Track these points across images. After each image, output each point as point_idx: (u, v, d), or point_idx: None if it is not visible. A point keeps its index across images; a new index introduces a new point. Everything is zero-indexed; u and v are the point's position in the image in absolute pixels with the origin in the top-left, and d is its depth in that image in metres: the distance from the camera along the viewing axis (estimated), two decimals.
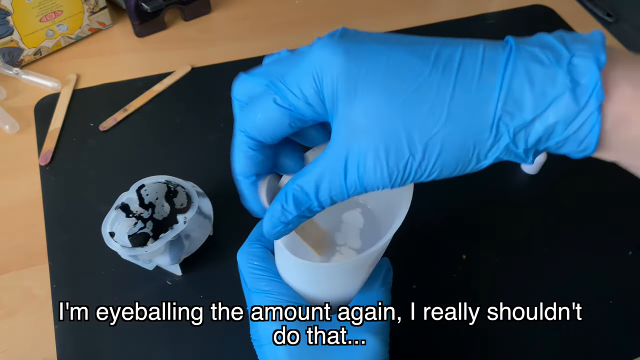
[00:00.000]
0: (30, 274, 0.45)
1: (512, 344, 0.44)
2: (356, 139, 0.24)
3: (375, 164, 0.24)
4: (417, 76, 0.23)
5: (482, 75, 0.23)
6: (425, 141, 0.23)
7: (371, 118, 0.23)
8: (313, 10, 0.72)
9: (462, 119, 0.23)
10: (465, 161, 0.24)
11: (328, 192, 0.25)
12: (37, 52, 0.61)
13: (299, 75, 0.25)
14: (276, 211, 0.27)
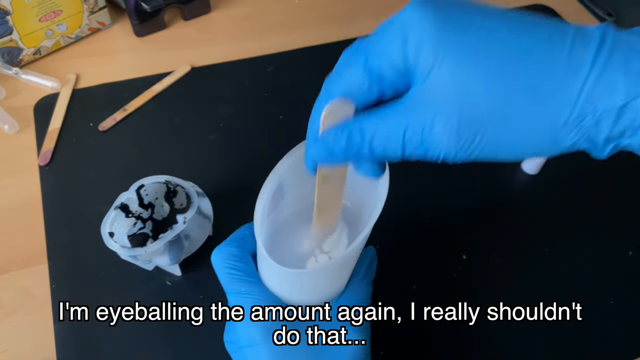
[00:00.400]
0: (30, 274, 0.45)
1: (512, 344, 0.44)
2: (431, 102, 0.23)
3: (444, 129, 0.23)
4: (506, 46, 0.22)
5: (572, 51, 0.22)
6: (506, 113, 0.23)
7: (454, 82, 0.23)
8: (313, 10, 0.72)
9: (548, 93, 0.22)
10: (542, 141, 0.23)
11: (384, 144, 0.25)
12: (36, 51, 0.61)
13: (386, 36, 0.24)
14: (329, 137, 0.26)
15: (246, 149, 0.55)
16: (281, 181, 0.33)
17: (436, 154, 0.24)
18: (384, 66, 0.24)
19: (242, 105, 0.59)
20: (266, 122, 0.58)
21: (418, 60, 0.23)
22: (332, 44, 0.67)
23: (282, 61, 0.64)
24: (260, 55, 0.65)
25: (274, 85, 0.62)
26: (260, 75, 0.63)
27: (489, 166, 0.56)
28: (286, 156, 0.32)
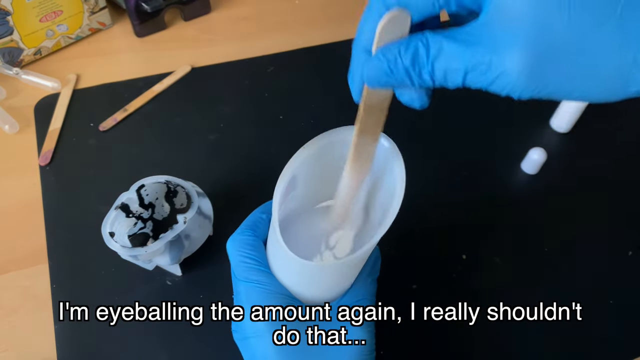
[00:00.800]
0: (30, 274, 0.45)
1: (512, 344, 0.44)
2: (506, 26, 0.21)
3: (518, 60, 0.21)
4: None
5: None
6: (587, 41, 0.21)
7: (534, 5, 0.21)
8: (313, 10, 0.72)
9: (631, 26, 0.20)
10: (618, 79, 0.21)
11: (446, 68, 0.23)
12: (37, 52, 0.61)
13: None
14: (391, 52, 0.23)
15: (246, 149, 0.55)
16: (295, 174, 0.32)
17: (502, 86, 0.22)
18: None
19: (242, 105, 0.59)
20: (266, 122, 0.58)
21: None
22: (332, 44, 0.67)
23: (282, 61, 0.64)
24: (260, 55, 0.65)
25: (274, 85, 0.62)
26: (260, 75, 0.63)
27: (489, 166, 0.56)
28: (303, 148, 0.31)
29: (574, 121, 0.58)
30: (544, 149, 0.54)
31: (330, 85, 0.62)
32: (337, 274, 0.34)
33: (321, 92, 0.62)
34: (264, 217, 0.36)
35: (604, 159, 0.57)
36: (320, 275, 0.33)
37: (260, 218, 0.36)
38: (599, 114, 0.59)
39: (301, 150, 0.31)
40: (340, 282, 0.34)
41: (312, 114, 0.59)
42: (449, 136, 0.58)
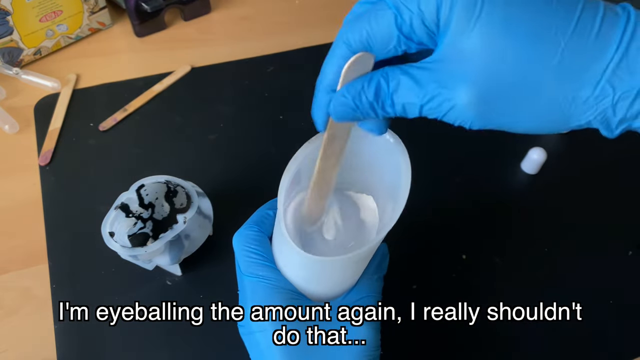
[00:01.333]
0: (30, 274, 0.45)
1: (512, 344, 0.44)
2: (459, 64, 0.23)
3: (468, 94, 0.23)
4: (540, 15, 0.22)
5: (600, 30, 0.22)
6: (532, 84, 0.22)
7: (484, 46, 0.22)
8: (313, 10, 0.72)
9: (571, 68, 0.22)
10: (559, 116, 0.23)
11: (404, 100, 0.24)
12: (36, 52, 0.61)
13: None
14: (355, 88, 0.25)
15: (246, 149, 0.55)
16: (300, 168, 0.32)
17: (454, 118, 0.24)
18: (415, 24, 0.23)
19: (242, 105, 0.59)
20: (266, 122, 0.58)
21: (450, 19, 0.23)
22: (332, 44, 0.67)
23: (282, 61, 0.64)
24: (260, 55, 0.65)
25: (274, 85, 0.62)
26: (260, 75, 0.63)
27: (489, 166, 0.56)
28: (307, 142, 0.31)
29: None
30: (544, 149, 0.54)
31: None
32: (341, 269, 0.33)
33: None
34: (271, 214, 0.36)
35: (604, 159, 0.57)
36: (325, 269, 0.33)
37: (266, 214, 0.36)
38: None
39: (306, 144, 0.31)
40: (346, 278, 0.34)
41: None
42: (449, 136, 0.58)
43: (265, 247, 0.35)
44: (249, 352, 0.34)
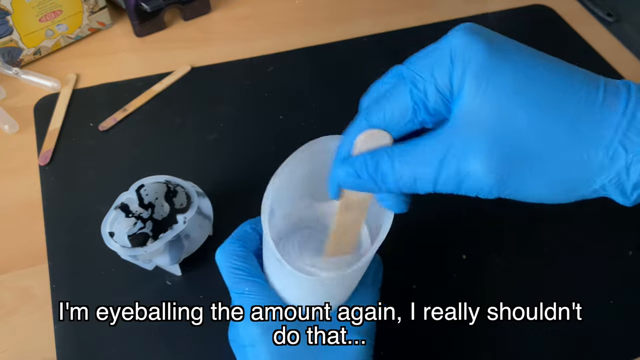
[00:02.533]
0: (30, 274, 0.45)
1: (512, 344, 0.44)
2: (472, 131, 0.23)
3: (482, 162, 0.23)
4: (548, 83, 0.23)
5: (605, 99, 0.23)
6: (546, 149, 0.23)
7: (496, 112, 0.23)
8: (313, 10, 0.72)
9: (586, 132, 0.23)
10: (575, 180, 0.23)
11: (414, 176, 0.25)
12: (36, 51, 0.61)
13: (433, 59, 0.24)
14: (358, 160, 0.26)
15: (246, 149, 0.55)
16: (273, 206, 0.32)
17: (471, 187, 0.24)
18: (429, 91, 0.24)
19: (242, 105, 0.59)
20: (266, 122, 0.58)
21: (463, 85, 0.23)
22: (332, 44, 0.67)
23: (282, 61, 0.64)
24: (260, 55, 0.65)
25: (274, 85, 0.62)
26: (260, 75, 0.63)
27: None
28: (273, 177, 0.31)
29: None
30: None
31: (330, 85, 0.62)
32: (342, 285, 0.33)
33: (321, 92, 0.62)
34: (252, 230, 0.36)
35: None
36: (317, 287, 0.32)
37: (249, 230, 0.36)
38: None
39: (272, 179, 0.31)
40: (343, 293, 0.34)
41: (312, 114, 0.59)
42: None
43: (249, 262, 0.34)
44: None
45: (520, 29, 0.73)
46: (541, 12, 0.75)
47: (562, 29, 0.73)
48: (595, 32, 0.73)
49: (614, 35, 0.73)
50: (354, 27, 0.70)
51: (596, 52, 0.70)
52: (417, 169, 0.24)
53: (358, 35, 0.68)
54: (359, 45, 0.67)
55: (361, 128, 0.26)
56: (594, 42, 0.71)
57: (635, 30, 0.76)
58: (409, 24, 0.71)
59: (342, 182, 0.27)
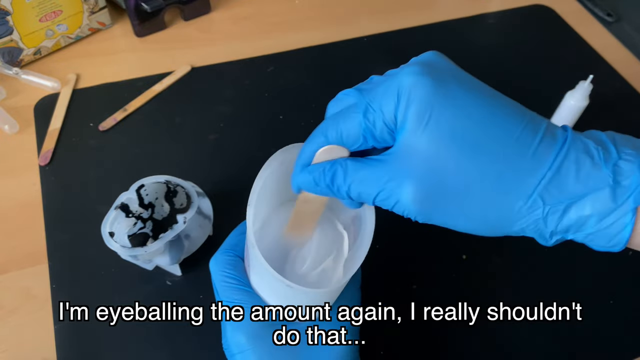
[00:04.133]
0: (30, 274, 0.45)
1: (512, 344, 0.44)
2: (406, 163, 0.25)
3: (411, 193, 0.25)
4: (484, 129, 0.25)
5: (538, 149, 0.25)
6: (470, 191, 0.25)
7: (430, 151, 0.25)
8: (313, 10, 0.72)
9: (510, 182, 0.25)
10: (494, 221, 0.25)
11: (359, 190, 0.27)
12: (36, 52, 0.61)
13: (383, 92, 0.26)
14: (317, 170, 0.28)
15: (246, 149, 0.55)
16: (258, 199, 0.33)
17: (400, 210, 0.26)
18: (377, 123, 0.26)
19: (242, 105, 0.59)
20: (266, 122, 0.58)
21: (405, 121, 0.25)
22: (332, 44, 0.67)
23: (282, 61, 0.64)
24: (260, 55, 0.65)
25: (274, 85, 0.62)
26: (260, 75, 0.63)
27: None
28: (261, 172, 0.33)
29: (574, 121, 0.58)
30: None
31: (330, 85, 0.62)
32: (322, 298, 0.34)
33: (321, 92, 0.61)
34: (243, 236, 0.37)
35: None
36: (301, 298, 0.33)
37: (241, 238, 0.37)
38: (598, 115, 0.59)
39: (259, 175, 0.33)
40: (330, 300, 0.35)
41: (312, 114, 0.59)
42: None
43: (240, 271, 0.35)
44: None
45: (520, 29, 0.73)
46: (541, 12, 0.75)
47: (562, 29, 0.73)
48: (595, 32, 0.73)
49: (613, 35, 0.73)
50: (354, 27, 0.70)
51: (596, 52, 0.70)
52: (361, 186, 0.27)
53: (358, 35, 0.68)
54: (359, 45, 0.67)
55: (320, 143, 0.28)
56: (594, 42, 0.71)
57: (635, 30, 0.76)
58: (408, 24, 0.71)
59: (303, 187, 0.29)
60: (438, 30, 0.71)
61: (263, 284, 0.34)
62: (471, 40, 0.70)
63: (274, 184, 0.34)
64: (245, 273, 0.35)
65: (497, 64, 0.67)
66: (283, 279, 0.30)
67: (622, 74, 0.67)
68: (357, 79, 0.67)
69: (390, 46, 0.67)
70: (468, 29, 0.72)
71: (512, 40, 0.71)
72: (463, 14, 0.73)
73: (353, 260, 0.33)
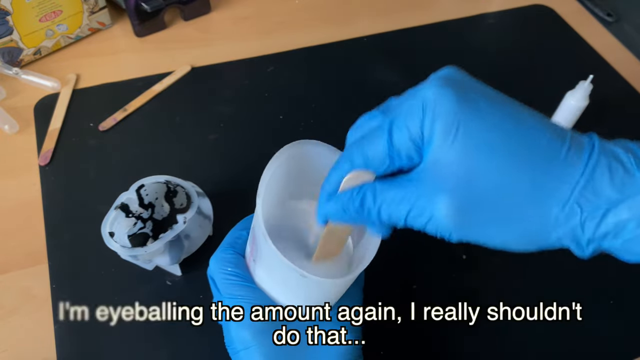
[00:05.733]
0: (30, 274, 0.45)
1: (512, 344, 0.44)
2: (438, 179, 0.25)
3: (446, 208, 0.25)
4: (513, 137, 0.24)
5: (567, 156, 0.24)
6: (507, 200, 0.24)
7: (462, 163, 0.24)
8: (313, 10, 0.72)
9: (545, 188, 0.24)
10: (532, 232, 0.25)
11: (389, 213, 0.27)
12: (36, 52, 0.61)
13: (407, 109, 0.26)
14: (345, 197, 0.28)
15: (246, 149, 0.55)
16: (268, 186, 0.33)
17: (434, 228, 0.26)
18: (403, 142, 0.26)
19: (242, 105, 0.59)
20: (266, 122, 0.58)
21: (432, 135, 0.25)
22: (332, 44, 0.67)
23: (282, 61, 0.64)
24: (260, 55, 0.65)
25: (274, 85, 0.62)
26: (260, 75, 0.63)
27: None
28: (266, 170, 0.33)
29: (574, 122, 0.58)
30: None
31: (330, 85, 0.62)
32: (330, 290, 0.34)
33: (321, 92, 0.62)
34: (244, 234, 0.37)
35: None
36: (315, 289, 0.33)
37: (240, 235, 0.37)
38: (598, 115, 0.59)
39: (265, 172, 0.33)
40: (332, 297, 0.35)
41: (312, 114, 0.59)
42: None
43: (241, 267, 0.35)
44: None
45: (520, 29, 0.73)
46: (541, 12, 0.75)
47: (562, 29, 0.73)
48: (595, 32, 0.73)
49: (614, 35, 0.73)
50: (354, 27, 0.70)
51: (596, 52, 0.70)
52: (392, 206, 0.26)
53: (358, 35, 0.68)
54: (358, 45, 0.67)
55: (345, 169, 0.28)
56: (594, 42, 0.71)
57: (635, 30, 0.76)
58: (409, 24, 0.71)
59: (331, 216, 0.29)
60: (438, 30, 0.71)
61: (271, 277, 0.33)
62: (471, 40, 0.70)
63: (280, 178, 0.34)
64: (247, 269, 0.35)
65: (497, 64, 0.67)
66: (297, 268, 0.29)
67: (622, 74, 0.67)
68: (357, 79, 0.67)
69: (390, 46, 0.67)
70: (468, 29, 0.71)
71: (512, 40, 0.71)
72: (463, 14, 0.73)
73: (366, 250, 0.33)
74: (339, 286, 0.33)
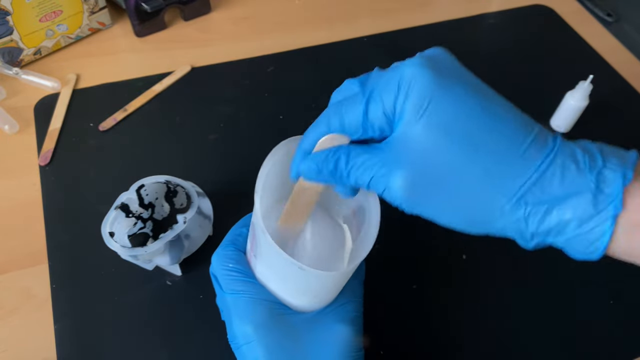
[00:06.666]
0: (30, 274, 0.45)
1: (512, 343, 0.44)
2: (400, 152, 0.26)
3: (400, 181, 0.26)
4: (478, 125, 0.25)
5: (528, 151, 0.25)
6: (458, 183, 0.25)
7: (424, 140, 0.25)
8: (313, 10, 0.72)
9: (495, 177, 0.25)
10: (477, 217, 0.26)
11: (357, 176, 0.28)
12: (36, 52, 0.61)
13: (386, 82, 0.27)
14: (320, 157, 0.29)
15: (246, 149, 0.55)
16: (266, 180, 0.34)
17: (389, 197, 0.27)
18: (378, 113, 0.27)
19: (242, 105, 0.59)
20: (266, 122, 0.58)
21: (403, 112, 0.26)
22: (332, 44, 0.67)
23: (282, 61, 0.64)
24: (260, 55, 0.65)
25: (274, 85, 0.62)
26: (260, 75, 0.63)
27: None
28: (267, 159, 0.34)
29: (574, 121, 0.58)
30: None
31: (330, 85, 0.62)
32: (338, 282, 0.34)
33: (321, 92, 0.61)
34: (244, 231, 0.38)
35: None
36: (316, 282, 0.33)
37: (240, 232, 0.38)
38: (598, 115, 0.59)
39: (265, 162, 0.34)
40: (331, 290, 0.35)
41: (312, 114, 0.59)
42: None
43: (242, 264, 0.36)
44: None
45: (520, 29, 0.73)
46: (541, 12, 0.75)
47: (562, 29, 0.73)
48: (595, 32, 0.73)
49: (613, 35, 0.73)
50: (354, 27, 0.70)
51: (596, 52, 0.70)
52: (358, 171, 0.28)
53: (358, 35, 0.68)
54: (359, 45, 0.67)
55: (322, 131, 0.29)
56: (594, 42, 0.71)
57: (635, 30, 0.76)
58: (408, 24, 0.71)
59: (304, 174, 0.30)
60: (438, 30, 0.71)
61: (271, 272, 0.34)
62: (471, 40, 0.70)
63: (277, 175, 0.35)
64: (248, 265, 0.36)
65: (497, 64, 0.67)
66: (295, 262, 0.30)
67: (622, 74, 0.67)
68: None
69: (390, 46, 0.67)
70: (468, 29, 0.72)
71: (512, 40, 0.71)
72: (463, 14, 0.73)
73: (363, 243, 0.33)
74: (337, 279, 0.33)
